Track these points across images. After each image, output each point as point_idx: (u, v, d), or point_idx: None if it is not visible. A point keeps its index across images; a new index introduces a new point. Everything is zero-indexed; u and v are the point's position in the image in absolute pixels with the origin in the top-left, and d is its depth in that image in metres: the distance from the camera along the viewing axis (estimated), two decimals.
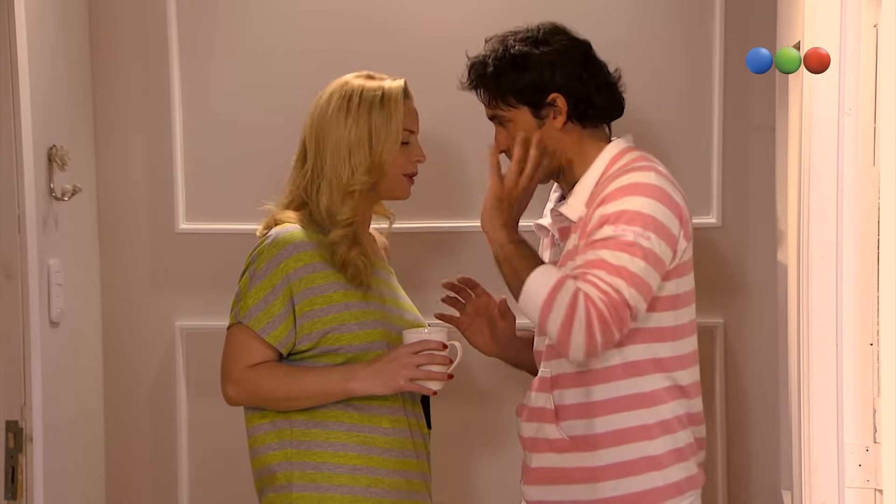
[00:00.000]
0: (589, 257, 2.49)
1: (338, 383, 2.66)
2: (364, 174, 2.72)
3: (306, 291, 2.68)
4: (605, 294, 2.44)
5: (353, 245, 2.71)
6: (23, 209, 3.05)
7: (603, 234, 2.50)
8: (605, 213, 2.52)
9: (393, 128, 2.73)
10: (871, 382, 2.22)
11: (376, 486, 2.68)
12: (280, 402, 2.69)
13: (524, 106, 2.66)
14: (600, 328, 2.43)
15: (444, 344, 2.68)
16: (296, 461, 2.68)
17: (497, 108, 2.68)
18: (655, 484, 2.61)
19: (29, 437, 3.03)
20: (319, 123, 2.76)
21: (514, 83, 2.65)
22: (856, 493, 2.23)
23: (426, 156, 2.81)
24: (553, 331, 2.46)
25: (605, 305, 2.43)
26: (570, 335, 2.44)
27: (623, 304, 2.45)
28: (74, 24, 3.45)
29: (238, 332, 2.70)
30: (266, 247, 2.71)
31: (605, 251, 2.48)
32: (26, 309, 3.03)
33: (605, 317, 2.43)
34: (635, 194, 2.53)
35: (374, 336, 2.71)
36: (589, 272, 2.46)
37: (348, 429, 2.69)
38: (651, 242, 2.50)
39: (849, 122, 2.22)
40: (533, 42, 2.66)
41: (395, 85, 2.77)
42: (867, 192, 2.21)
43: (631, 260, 2.47)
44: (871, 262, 2.21)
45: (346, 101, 2.74)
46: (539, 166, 2.63)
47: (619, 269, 2.46)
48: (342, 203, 2.72)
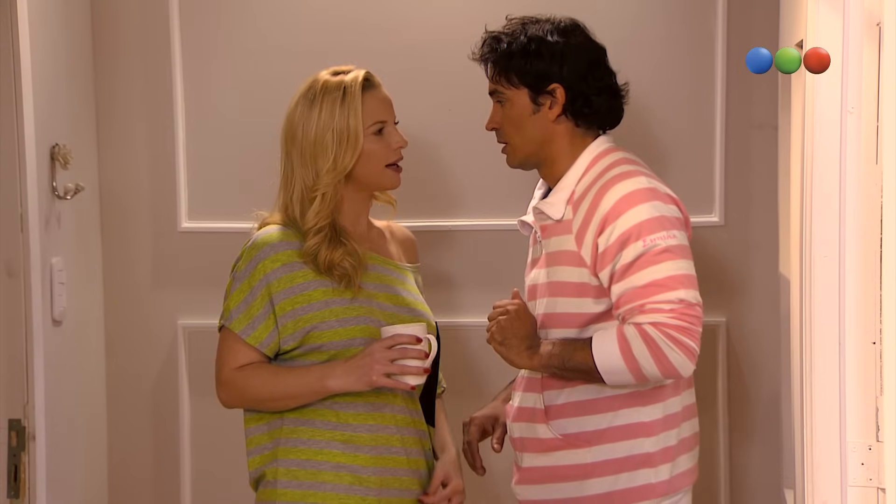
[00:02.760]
0: (635, 283, 2.53)
1: (317, 381, 2.66)
2: (326, 176, 2.71)
3: (286, 291, 2.68)
4: (671, 311, 2.50)
5: (334, 246, 2.70)
6: (25, 208, 3.05)
7: (633, 253, 2.53)
8: (620, 231, 2.55)
9: (352, 123, 2.72)
10: (874, 381, 2.22)
11: (360, 483, 2.68)
12: (267, 402, 2.70)
13: (525, 88, 2.68)
14: (688, 337, 2.50)
15: (417, 338, 2.65)
16: (282, 458, 2.69)
17: (499, 83, 2.71)
18: (648, 480, 2.62)
19: (31, 436, 3.03)
20: (287, 129, 2.77)
21: (521, 65, 2.68)
22: (858, 491, 2.23)
23: (407, 141, 2.79)
24: (655, 373, 2.52)
25: (677, 319, 2.50)
26: (671, 363, 2.50)
27: (689, 305, 2.52)
28: (77, 22, 3.45)
29: (223, 335, 2.73)
30: (246, 249, 2.73)
31: (647, 270, 2.52)
32: (29, 307, 3.04)
33: (683, 327, 2.50)
34: (637, 203, 2.56)
35: (354, 332, 2.69)
36: (646, 302, 2.51)
37: (333, 427, 2.69)
38: (677, 238, 2.56)
39: (851, 120, 2.22)
40: (550, 31, 2.69)
41: (352, 77, 2.75)
42: (870, 191, 2.21)
43: (674, 264, 2.53)
44: (873, 261, 2.21)
45: (310, 102, 2.74)
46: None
47: (670, 280, 2.52)
48: (309, 208, 2.71)
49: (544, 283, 2.68)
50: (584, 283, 2.61)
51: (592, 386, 2.62)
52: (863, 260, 2.22)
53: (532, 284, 2.73)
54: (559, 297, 2.64)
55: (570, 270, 2.62)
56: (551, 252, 2.67)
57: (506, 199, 3.34)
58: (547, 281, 2.67)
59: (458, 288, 3.47)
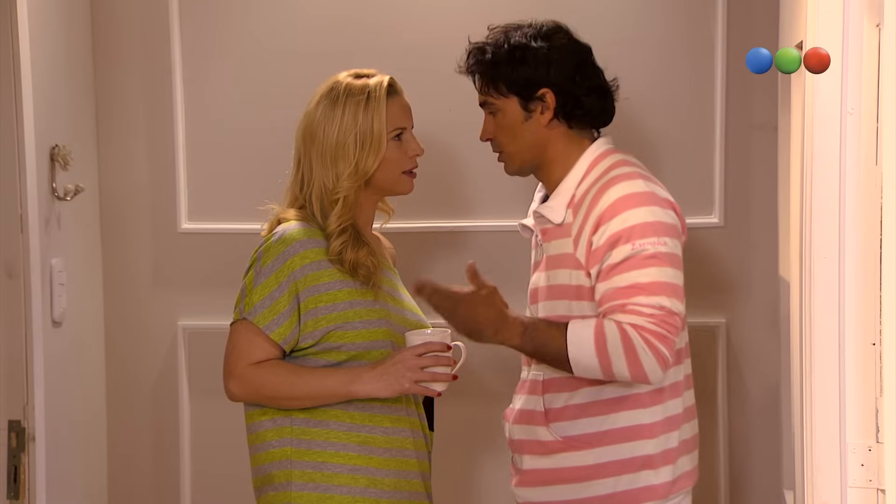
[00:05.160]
0: (618, 284, 2.52)
1: (341, 385, 2.65)
2: (347, 180, 2.71)
3: (311, 289, 2.67)
4: (651, 316, 2.49)
5: (357, 246, 2.71)
6: (25, 209, 3.05)
7: (621, 254, 2.53)
8: (612, 232, 2.54)
9: (376, 128, 2.72)
10: (874, 382, 2.22)
11: (375, 486, 2.68)
12: (282, 400, 2.69)
13: (514, 96, 2.68)
14: (664, 345, 2.50)
15: (447, 345, 2.67)
16: (295, 460, 2.68)
17: (488, 94, 2.71)
18: (649, 482, 2.62)
19: (31, 437, 3.03)
20: (307, 128, 2.76)
21: (508, 73, 2.67)
22: (858, 492, 2.23)
23: (423, 149, 2.80)
24: (624, 373, 2.51)
25: (656, 325, 2.49)
26: (643, 367, 2.49)
27: (670, 313, 2.51)
28: (77, 23, 3.45)
29: (242, 328, 2.70)
30: (272, 244, 2.70)
31: (632, 273, 2.51)
32: (28, 308, 3.04)
33: (661, 334, 2.49)
34: (633, 206, 2.55)
35: (378, 335, 2.70)
36: (628, 303, 2.50)
37: (348, 428, 2.69)
38: (668, 246, 2.55)
39: (851, 121, 2.22)
40: (533, 36, 2.68)
41: (376, 82, 2.75)
42: (869, 192, 2.21)
43: (660, 271, 2.52)
44: (873, 262, 2.21)
45: (332, 103, 2.73)
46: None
47: (654, 286, 2.51)
48: (329, 210, 2.72)
49: (544, 287, 2.68)
50: (580, 285, 2.61)
51: (593, 388, 2.61)
52: (863, 261, 2.22)
53: (533, 288, 2.73)
54: (559, 300, 2.64)
55: (568, 273, 2.62)
56: (552, 256, 2.67)
57: (510, 200, 3.34)
58: (546, 285, 2.67)
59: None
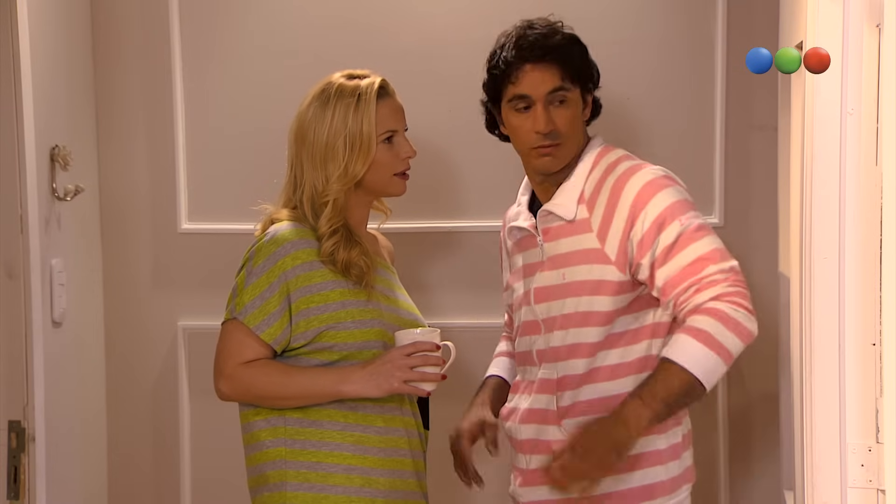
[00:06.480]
0: (683, 262, 2.52)
1: (331, 384, 2.66)
2: (337, 182, 2.71)
3: (303, 290, 2.67)
4: (726, 280, 2.50)
5: (350, 246, 2.71)
6: (25, 209, 3.05)
7: (673, 233, 2.53)
8: (654, 216, 2.54)
9: (365, 130, 2.71)
10: (874, 382, 2.22)
11: (370, 485, 2.68)
12: (272, 400, 2.69)
13: (579, 87, 2.66)
14: (746, 301, 2.50)
15: (437, 345, 2.67)
16: (290, 460, 2.68)
17: (566, 80, 2.63)
18: (658, 478, 2.61)
19: (31, 437, 3.03)
20: (298, 129, 2.76)
21: (582, 65, 2.65)
22: (858, 493, 2.23)
23: (416, 151, 2.79)
24: (739, 345, 2.49)
25: (734, 286, 2.50)
26: (746, 328, 2.48)
27: (737, 272, 2.53)
28: (77, 24, 3.45)
29: (233, 328, 2.70)
30: (264, 244, 2.70)
31: (691, 247, 2.52)
32: (28, 309, 3.04)
33: (741, 293, 2.50)
34: (660, 189, 2.57)
35: (370, 335, 2.70)
36: (702, 277, 2.50)
37: (342, 428, 2.69)
38: (702, 217, 2.59)
39: (851, 121, 2.22)
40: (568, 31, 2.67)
41: (367, 83, 2.74)
42: (869, 192, 2.21)
43: (712, 239, 2.55)
44: (873, 262, 2.21)
45: (323, 104, 2.73)
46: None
47: (715, 253, 2.53)
48: (320, 212, 2.72)
49: (559, 285, 2.64)
50: (602, 280, 2.59)
51: (603, 385, 2.60)
52: (863, 261, 2.22)
53: (539, 287, 2.69)
54: (570, 297, 2.62)
55: (589, 269, 2.60)
56: (562, 254, 2.65)
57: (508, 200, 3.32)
58: (556, 283, 2.65)
59: (454, 290, 3.46)
